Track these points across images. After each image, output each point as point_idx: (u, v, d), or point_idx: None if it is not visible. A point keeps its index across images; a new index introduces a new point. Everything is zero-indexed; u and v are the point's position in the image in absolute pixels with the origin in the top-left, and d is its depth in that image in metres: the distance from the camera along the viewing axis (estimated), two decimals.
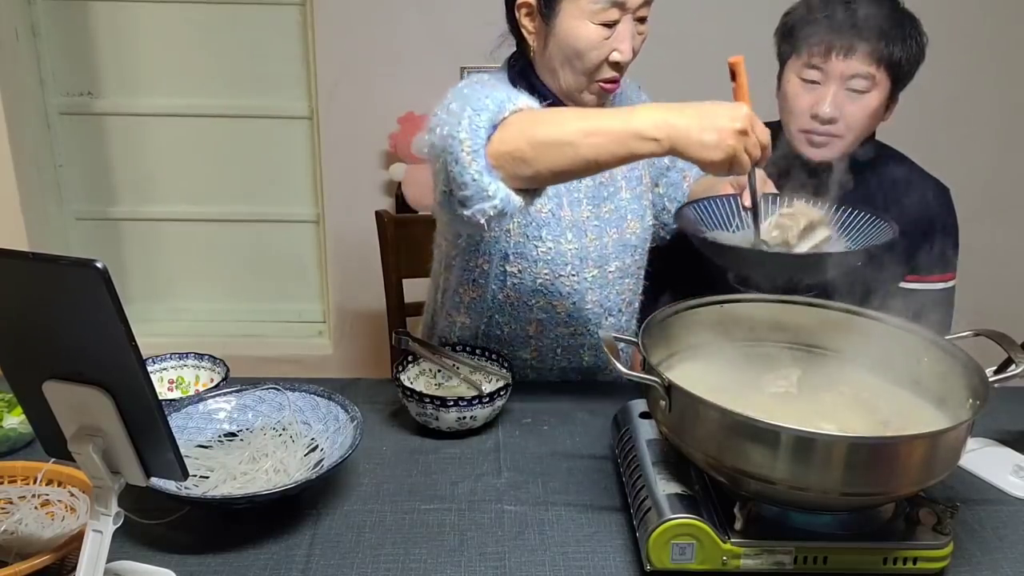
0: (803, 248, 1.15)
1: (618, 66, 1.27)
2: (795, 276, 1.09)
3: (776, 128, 1.54)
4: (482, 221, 1.10)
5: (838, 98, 1.41)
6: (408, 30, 2.44)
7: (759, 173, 1.33)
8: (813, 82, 1.42)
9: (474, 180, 1.07)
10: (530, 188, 1.12)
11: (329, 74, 2.47)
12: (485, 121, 1.07)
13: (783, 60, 1.49)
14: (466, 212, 1.10)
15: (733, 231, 1.29)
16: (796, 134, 1.46)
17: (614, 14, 1.23)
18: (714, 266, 1.14)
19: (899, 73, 1.42)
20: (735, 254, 1.11)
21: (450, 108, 1.15)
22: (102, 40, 2.56)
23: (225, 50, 2.58)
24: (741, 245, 1.17)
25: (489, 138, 1.07)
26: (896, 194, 1.41)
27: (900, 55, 1.40)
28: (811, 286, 1.10)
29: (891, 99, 1.46)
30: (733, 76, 1.08)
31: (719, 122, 1.01)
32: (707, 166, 1.03)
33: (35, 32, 2.51)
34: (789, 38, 1.46)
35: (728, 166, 1.02)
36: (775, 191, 1.34)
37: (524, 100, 1.12)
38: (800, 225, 1.12)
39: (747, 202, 1.22)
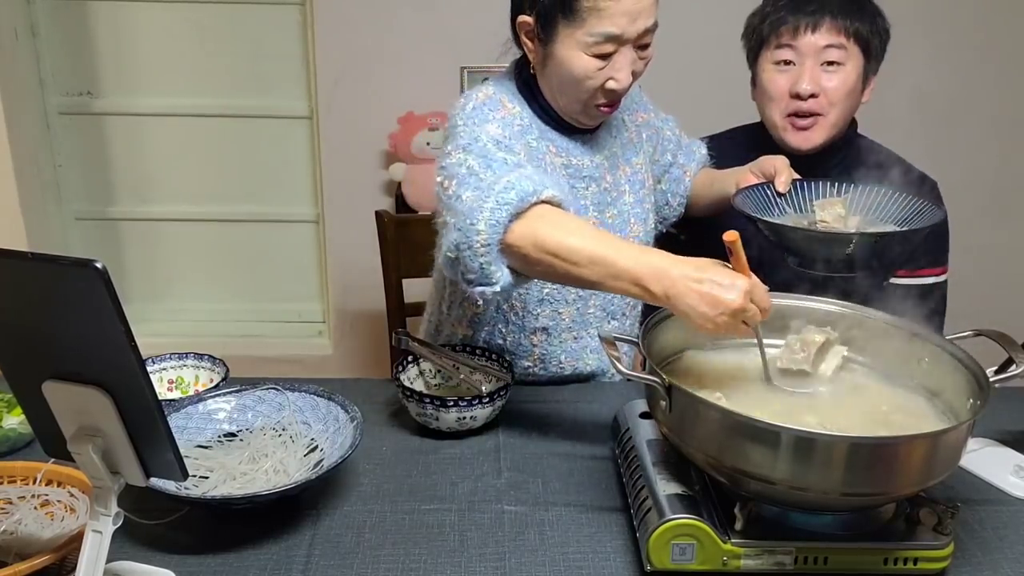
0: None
1: (614, 93, 1.26)
2: (863, 256, 1.16)
3: (759, 129, 1.55)
4: (479, 301, 1.15)
5: (815, 73, 1.43)
6: (408, 30, 2.44)
7: (781, 160, 1.37)
8: (788, 63, 1.45)
9: (482, 268, 1.11)
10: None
11: (329, 74, 2.47)
12: (506, 216, 1.09)
13: (754, 56, 1.52)
14: (468, 288, 1.15)
15: (777, 216, 1.35)
16: (780, 122, 1.48)
17: (609, 47, 1.21)
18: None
19: (868, 47, 1.44)
20: (802, 236, 1.18)
21: (469, 164, 1.17)
22: (102, 40, 2.56)
23: (225, 50, 2.57)
24: (806, 227, 1.25)
25: (507, 229, 1.10)
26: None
27: (865, 31, 1.43)
28: (868, 265, 1.17)
29: (867, 76, 1.47)
30: (730, 252, 1.03)
31: (718, 293, 0.98)
32: (700, 330, 1.02)
33: (35, 32, 2.51)
34: (756, 32, 1.50)
35: (721, 335, 1.03)
36: (798, 176, 1.35)
37: (550, 192, 1.12)
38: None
39: (781, 188, 1.30)
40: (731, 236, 1.01)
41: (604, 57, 1.22)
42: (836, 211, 1.29)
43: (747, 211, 1.28)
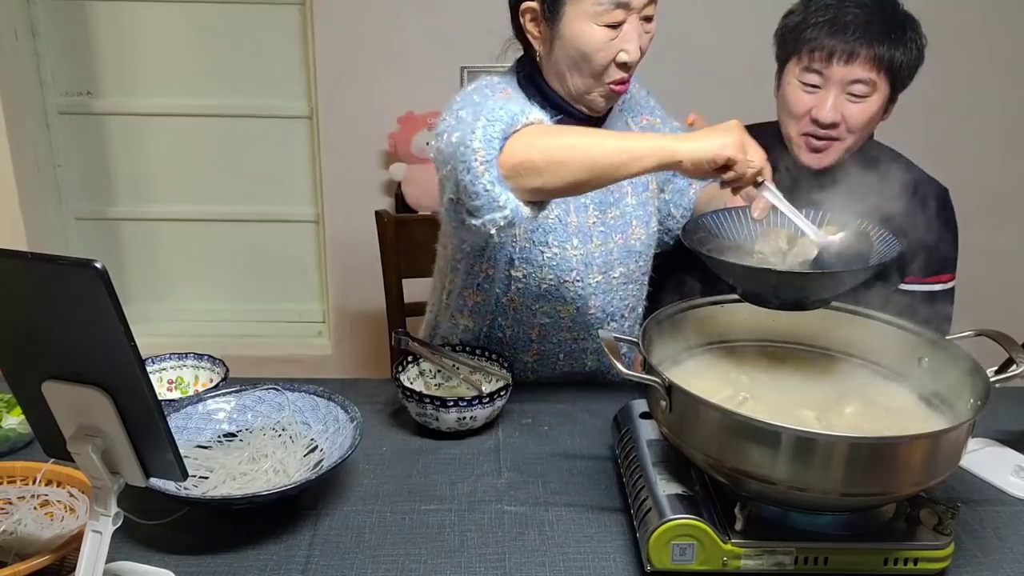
0: (790, 260, 1.12)
1: (626, 66, 1.26)
2: (801, 293, 1.08)
3: (775, 130, 1.54)
4: (492, 231, 1.11)
5: (838, 102, 1.40)
6: (408, 30, 2.44)
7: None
8: (813, 86, 1.42)
9: (486, 191, 1.08)
10: (538, 200, 1.14)
11: (329, 74, 2.47)
12: (499, 132, 1.09)
13: (782, 62, 1.48)
14: (475, 222, 1.11)
15: (745, 242, 1.28)
16: (796, 139, 1.46)
17: (619, 15, 1.22)
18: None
19: (899, 77, 1.41)
20: (741, 272, 1.08)
21: (460, 115, 1.17)
22: (102, 40, 2.56)
23: (225, 50, 2.57)
24: (747, 263, 1.13)
25: (501, 149, 1.09)
26: (895, 195, 1.41)
27: (901, 59, 1.39)
28: (818, 302, 1.10)
29: (890, 101, 1.45)
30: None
31: (721, 127, 1.08)
32: (702, 162, 1.07)
33: (35, 32, 2.51)
34: (789, 41, 1.45)
35: (721, 165, 1.07)
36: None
37: (537, 114, 1.13)
38: (781, 243, 1.13)
39: (756, 214, 1.21)
40: (690, 119, 1.16)
41: (613, 27, 1.22)
42: (778, 244, 1.24)
43: (689, 241, 1.17)
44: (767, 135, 1.56)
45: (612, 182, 1.13)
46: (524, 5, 1.27)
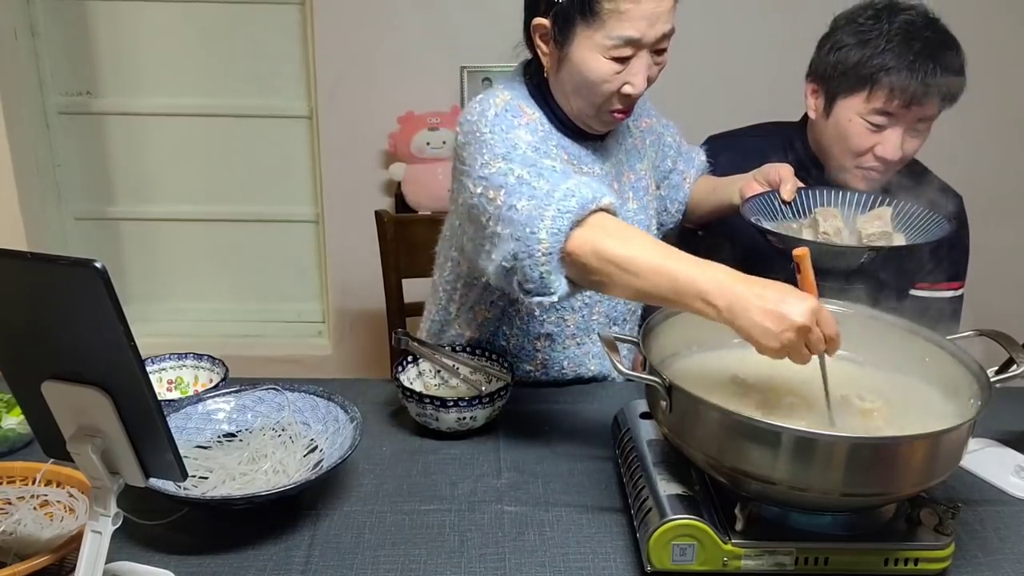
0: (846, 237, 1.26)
1: (629, 98, 1.25)
2: (871, 267, 1.15)
3: (794, 131, 1.53)
4: (536, 309, 1.17)
5: (904, 139, 1.40)
6: (408, 30, 2.44)
7: (786, 168, 1.37)
8: (879, 125, 1.40)
9: (541, 278, 1.08)
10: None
11: (329, 74, 2.47)
12: (568, 223, 1.06)
13: (839, 96, 1.42)
14: (524, 296, 1.12)
15: (788, 222, 1.36)
16: (852, 170, 1.45)
17: (628, 51, 1.20)
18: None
19: (947, 104, 1.41)
20: (813, 249, 1.15)
21: (520, 175, 1.12)
22: (101, 40, 2.56)
23: (225, 50, 2.57)
24: (815, 239, 1.27)
25: (567, 237, 1.07)
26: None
27: (959, 88, 1.39)
28: (875, 277, 1.17)
29: None
30: (798, 269, 1.02)
31: (783, 309, 0.93)
32: (762, 350, 0.97)
33: (34, 32, 2.51)
34: (853, 78, 1.39)
35: (783, 356, 0.96)
36: (802, 184, 1.35)
37: (608, 199, 1.09)
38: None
39: (786, 196, 1.30)
40: (800, 252, 1.00)
41: (621, 61, 1.20)
42: (836, 224, 1.28)
43: (758, 221, 1.28)
44: (776, 142, 1.55)
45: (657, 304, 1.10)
46: (536, 21, 1.25)
